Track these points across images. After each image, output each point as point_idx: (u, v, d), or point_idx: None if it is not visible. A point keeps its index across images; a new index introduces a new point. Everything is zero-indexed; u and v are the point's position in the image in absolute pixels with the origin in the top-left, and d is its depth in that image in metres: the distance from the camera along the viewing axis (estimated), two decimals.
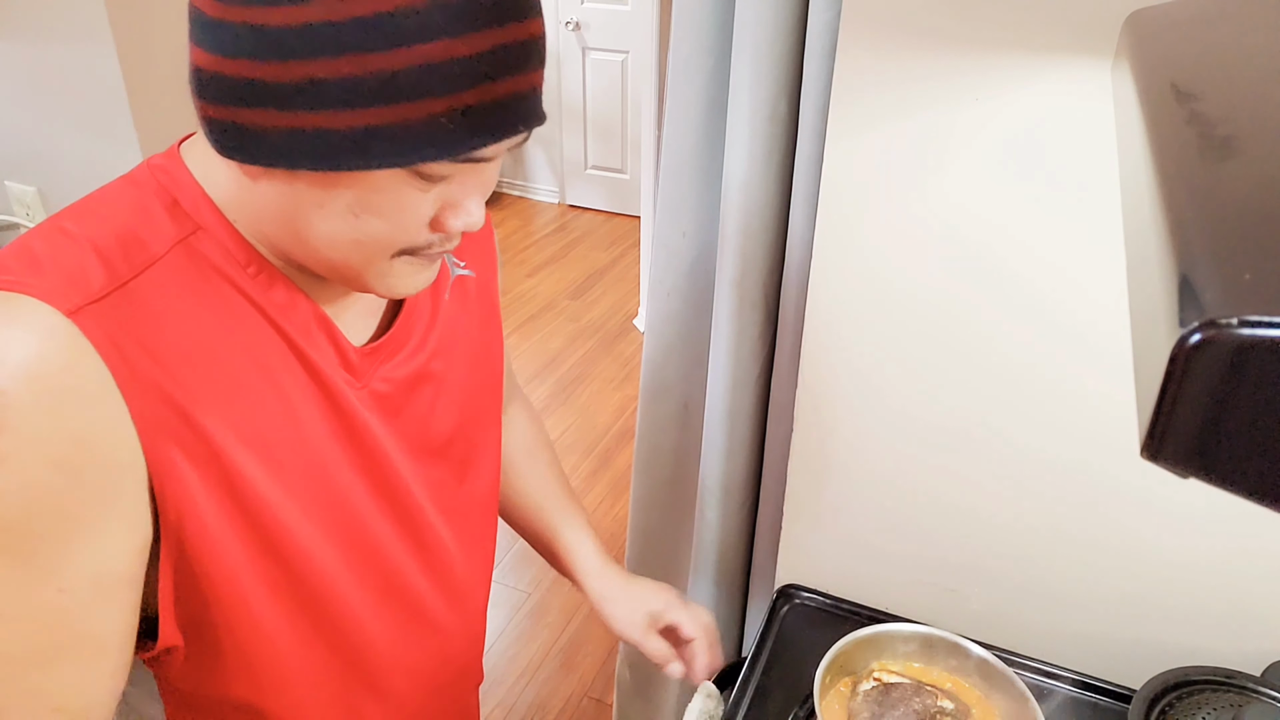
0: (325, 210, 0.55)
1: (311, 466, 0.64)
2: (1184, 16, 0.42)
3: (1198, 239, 0.22)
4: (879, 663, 0.92)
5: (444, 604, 0.79)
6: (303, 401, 0.63)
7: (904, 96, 0.82)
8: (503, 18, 0.50)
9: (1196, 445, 0.21)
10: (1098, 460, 0.90)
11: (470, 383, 0.79)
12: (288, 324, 0.62)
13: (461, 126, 0.51)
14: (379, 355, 0.69)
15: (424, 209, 0.57)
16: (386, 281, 0.60)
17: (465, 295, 0.78)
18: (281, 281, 0.61)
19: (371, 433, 0.68)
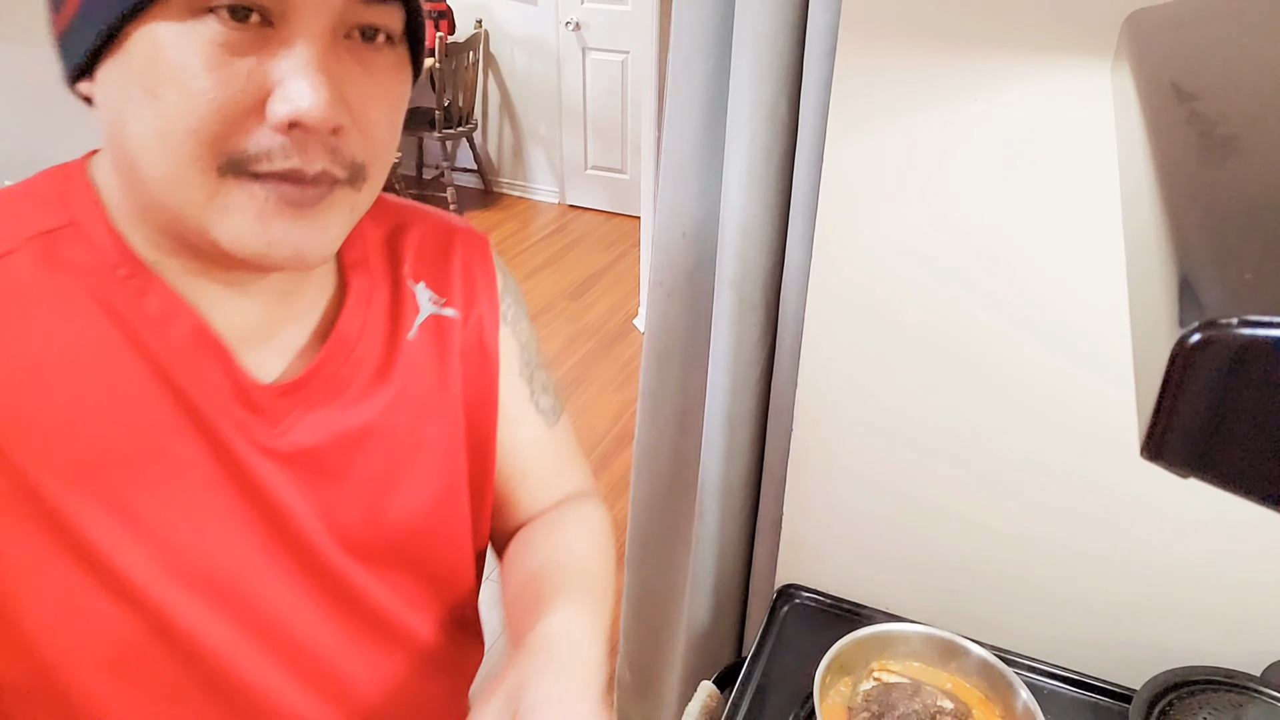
0: (130, 102, 0.44)
1: (175, 512, 0.51)
2: (1184, 16, 0.42)
3: (1198, 239, 0.22)
4: (879, 662, 0.92)
5: (377, 682, 0.64)
6: (169, 438, 0.51)
7: (904, 96, 0.82)
8: None
9: (1196, 445, 0.21)
10: (1097, 460, 0.90)
11: (448, 454, 0.64)
12: (156, 342, 0.50)
13: None
14: (298, 398, 0.55)
15: (234, 81, 0.44)
16: (226, 220, 0.46)
17: (444, 341, 0.63)
18: (158, 288, 0.50)
19: (274, 493, 0.54)
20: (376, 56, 0.49)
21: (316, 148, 0.46)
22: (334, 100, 0.45)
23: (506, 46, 4.61)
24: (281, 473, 0.55)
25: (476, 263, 0.68)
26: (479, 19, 4.47)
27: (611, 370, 3.26)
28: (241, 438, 0.53)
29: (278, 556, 0.56)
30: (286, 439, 0.55)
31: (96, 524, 0.49)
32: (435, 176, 4.74)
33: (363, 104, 0.48)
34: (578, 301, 3.78)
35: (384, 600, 0.62)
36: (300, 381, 0.55)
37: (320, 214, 0.48)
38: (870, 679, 0.90)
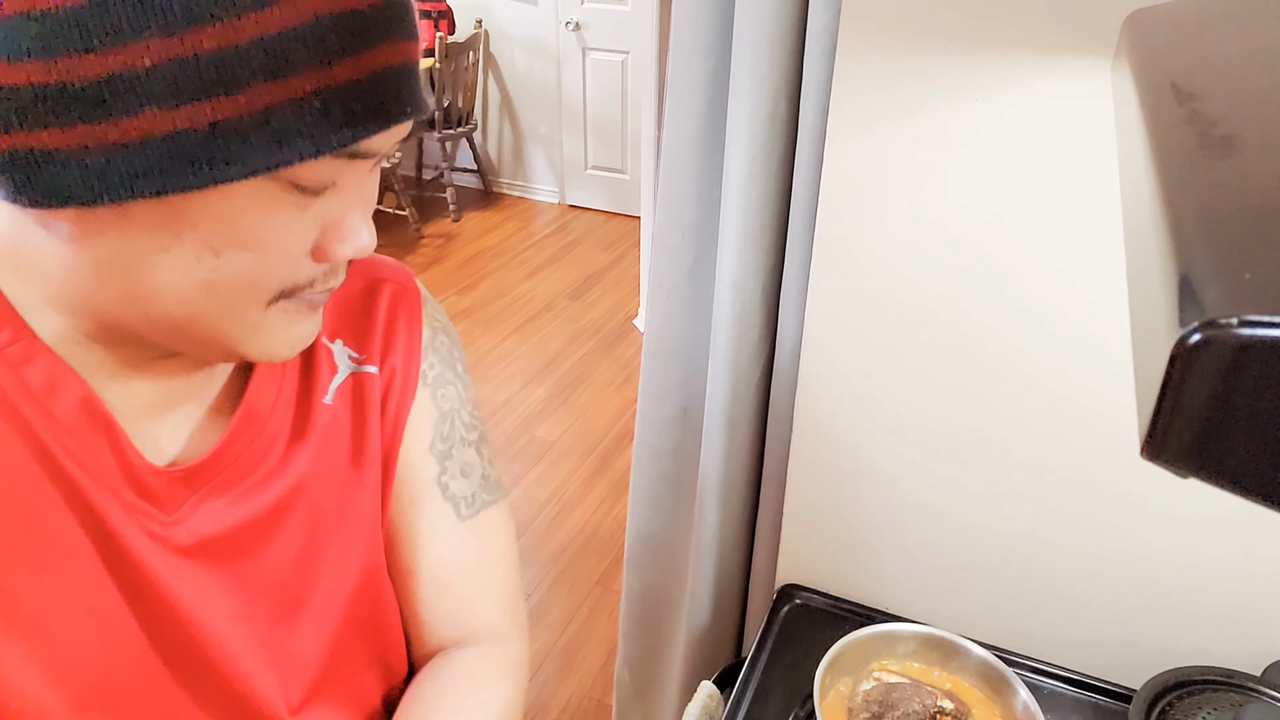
0: (170, 253, 0.41)
1: (63, 610, 0.46)
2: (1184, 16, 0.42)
3: (1198, 239, 0.22)
4: (879, 663, 0.92)
5: None
6: (59, 534, 0.46)
7: (904, 97, 0.82)
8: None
9: (1196, 445, 0.21)
10: (1098, 460, 0.90)
11: (369, 527, 0.59)
12: (40, 418, 0.45)
13: (340, 109, 0.40)
14: (199, 480, 0.51)
15: (302, 233, 0.44)
16: (260, 339, 0.46)
17: (363, 401, 0.59)
18: (43, 359, 0.45)
19: (169, 589, 0.49)
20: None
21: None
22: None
23: (506, 46, 4.61)
24: (179, 565, 0.50)
25: (401, 314, 0.63)
26: (479, 19, 4.47)
27: (612, 370, 3.26)
28: (132, 525, 0.48)
29: (165, 656, 0.51)
30: (183, 527, 0.50)
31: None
32: (435, 177, 4.74)
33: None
34: (578, 301, 3.78)
35: (264, 691, 0.56)
36: (203, 465, 0.51)
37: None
38: (870, 679, 0.90)
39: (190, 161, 0.38)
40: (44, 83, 0.36)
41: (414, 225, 4.27)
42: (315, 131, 0.40)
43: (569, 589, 2.26)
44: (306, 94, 0.39)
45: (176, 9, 0.36)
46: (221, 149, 0.38)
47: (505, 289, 3.86)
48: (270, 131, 0.39)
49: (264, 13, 0.37)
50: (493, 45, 4.62)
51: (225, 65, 0.37)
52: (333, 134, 0.41)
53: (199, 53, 0.37)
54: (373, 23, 0.41)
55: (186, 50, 0.37)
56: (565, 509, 2.54)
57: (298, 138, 0.40)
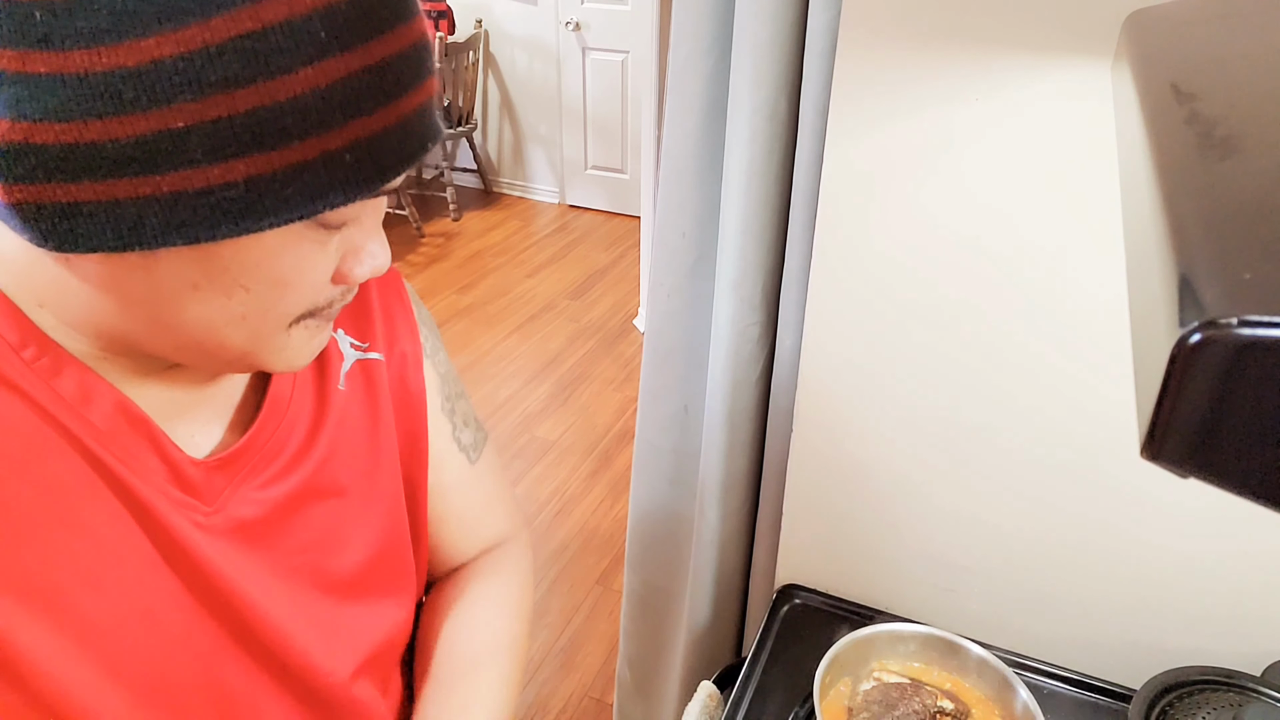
0: (202, 291, 0.43)
1: (118, 609, 0.48)
2: (1184, 16, 0.42)
3: (1197, 239, 0.22)
4: (879, 662, 0.92)
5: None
6: (106, 529, 0.47)
7: (904, 96, 0.82)
8: (391, 21, 0.41)
9: (1196, 445, 0.21)
10: (1098, 460, 0.90)
11: (388, 493, 0.63)
12: (78, 424, 0.46)
13: (368, 159, 0.41)
14: (234, 469, 0.53)
15: (325, 263, 0.46)
16: (284, 356, 0.49)
17: (372, 384, 0.63)
18: (74, 370, 0.46)
19: (223, 577, 0.52)
20: None
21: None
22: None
23: (506, 46, 4.61)
24: (223, 550, 0.52)
25: (394, 300, 0.67)
26: (479, 19, 4.47)
27: (613, 369, 3.26)
28: (181, 518, 0.50)
29: (227, 640, 0.54)
30: (223, 515, 0.52)
31: (40, 638, 0.45)
32: (435, 176, 4.74)
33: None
34: (579, 301, 3.78)
35: (319, 663, 0.59)
36: (237, 454, 0.53)
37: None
38: (870, 679, 0.90)
39: (224, 215, 0.39)
40: (77, 143, 0.37)
41: (414, 224, 4.27)
42: (345, 183, 0.41)
43: (569, 587, 2.26)
44: (338, 148, 0.40)
45: (211, 74, 0.37)
46: (256, 203, 0.40)
47: (506, 288, 3.86)
48: (303, 184, 0.40)
49: (294, 75, 0.38)
50: (493, 45, 4.62)
51: (260, 125, 0.38)
52: (362, 184, 0.42)
53: (234, 114, 0.38)
54: (399, 72, 0.42)
55: (221, 111, 0.37)
56: (566, 507, 2.54)
57: (329, 190, 0.41)
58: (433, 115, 0.45)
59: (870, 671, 0.91)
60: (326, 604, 0.59)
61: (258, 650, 0.55)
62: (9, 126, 0.37)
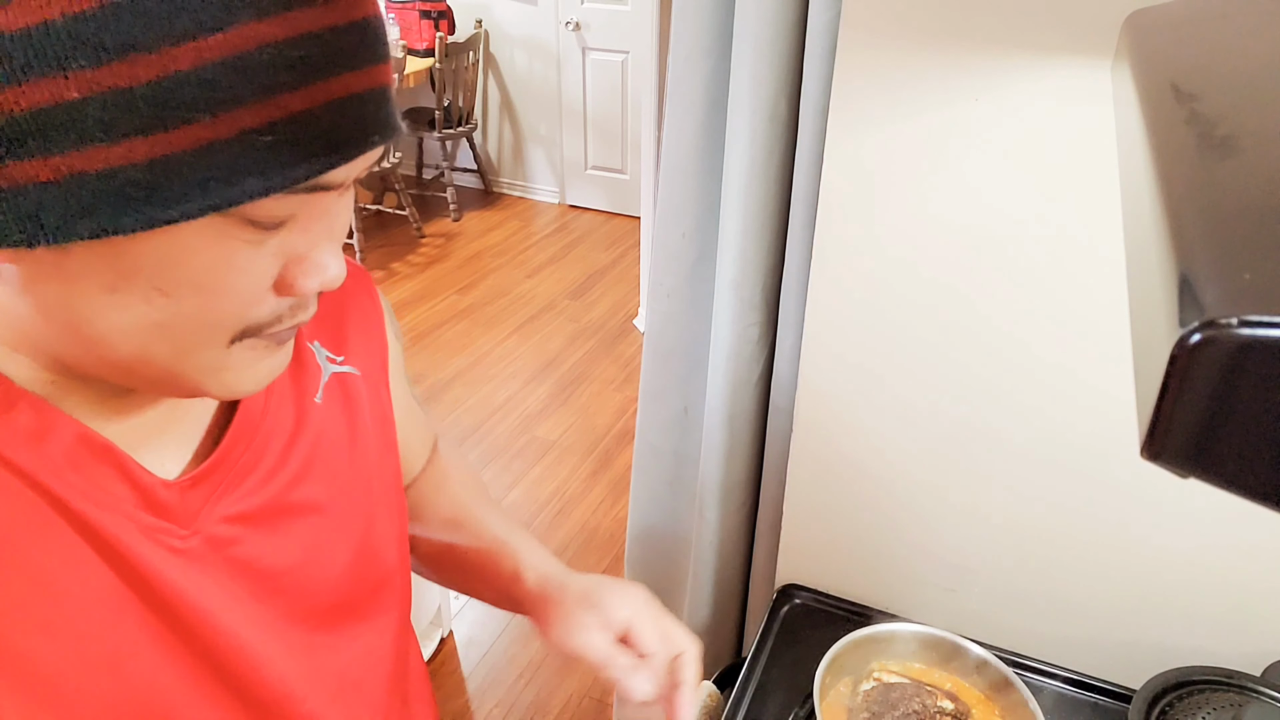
0: (117, 294, 0.38)
1: (79, 662, 0.44)
2: (1184, 16, 0.42)
3: (1197, 239, 0.22)
4: (879, 663, 0.92)
5: None
6: (68, 572, 0.44)
7: (904, 97, 0.82)
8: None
9: (1196, 445, 0.21)
10: (1098, 460, 0.90)
11: (369, 510, 0.60)
12: (34, 462, 0.42)
13: (290, 143, 0.37)
14: (207, 487, 0.50)
15: (261, 269, 0.41)
16: (222, 379, 0.44)
17: (349, 398, 0.59)
18: (26, 401, 0.43)
19: (196, 607, 0.48)
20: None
21: (317, 295, 0.45)
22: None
23: (506, 46, 4.61)
24: (197, 577, 0.49)
25: (369, 310, 0.63)
26: (479, 19, 4.47)
27: (613, 369, 3.26)
28: (152, 547, 0.46)
29: (200, 679, 0.50)
30: (199, 536, 0.49)
31: (7, 703, 0.42)
32: (435, 176, 4.74)
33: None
34: (579, 301, 3.78)
35: (304, 695, 0.56)
36: (208, 469, 0.50)
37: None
38: (870, 679, 0.90)
39: (129, 201, 0.35)
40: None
41: (414, 224, 4.27)
42: (265, 168, 0.37)
43: None
44: (252, 128, 0.36)
45: (109, 36, 0.33)
46: (161, 188, 0.35)
47: (506, 288, 3.86)
48: (214, 169, 0.36)
49: (203, 41, 0.34)
50: (493, 45, 4.62)
51: (161, 98, 0.34)
52: (285, 170, 0.37)
53: (134, 84, 0.34)
54: (332, 48, 0.37)
55: (120, 81, 0.34)
56: (566, 508, 2.54)
57: (245, 175, 0.36)
58: (384, 108, 0.41)
59: (870, 672, 0.91)
60: (305, 629, 0.56)
61: (233, 683, 0.51)
62: None
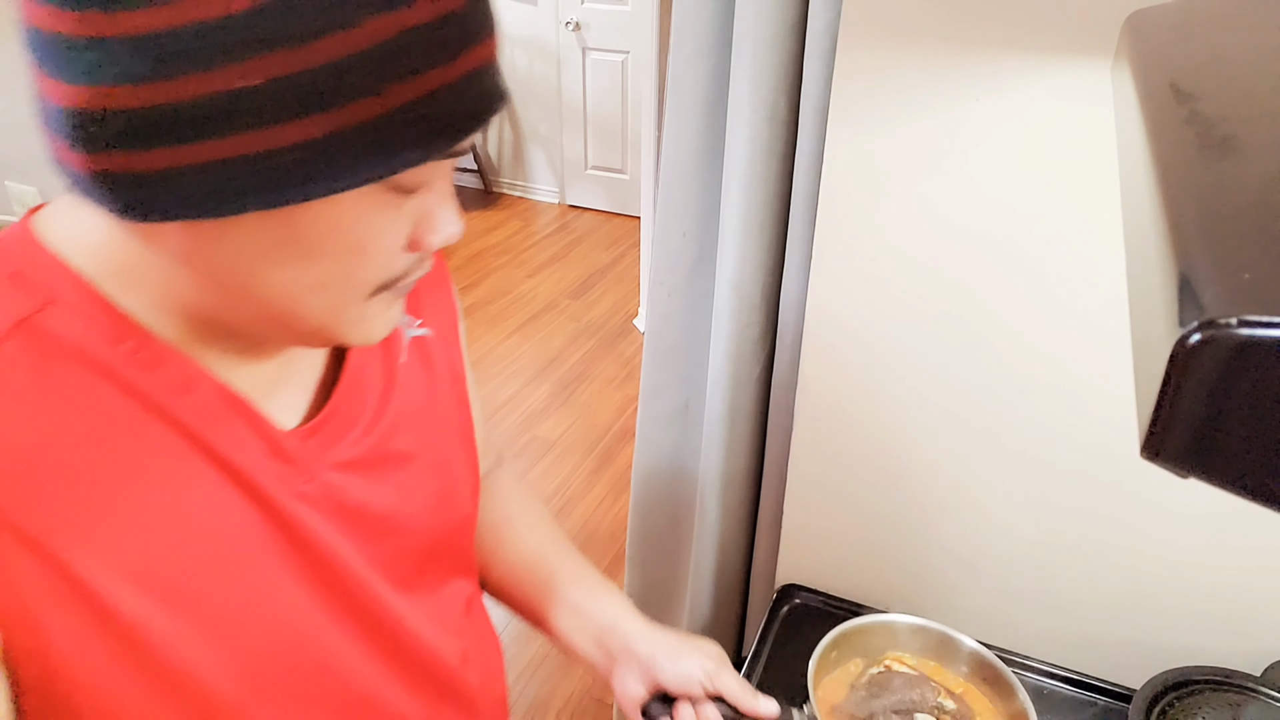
0: (279, 257, 0.43)
1: (235, 594, 0.49)
2: (1184, 16, 0.42)
3: (1197, 239, 0.22)
4: (894, 653, 0.92)
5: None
6: (214, 510, 0.48)
7: (904, 97, 0.82)
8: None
9: (1196, 445, 0.21)
10: (1098, 459, 0.90)
11: (448, 461, 0.65)
12: (182, 411, 0.47)
13: (441, 113, 0.41)
14: (321, 437, 0.54)
15: (399, 229, 0.46)
16: (362, 329, 0.49)
17: (427, 359, 0.65)
18: (171, 359, 0.47)
19: (319, 538, 0.53)
20: None
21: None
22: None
23: (506, 46, 4.58)
24: (323, 519, 0.53)
25: (437, 276, 0.67)
26: None
27: (613, 368, 3.26)
28: (284, 491, 0.51)
29: (341, 615, 0.55)
30: (317, 483, 0.53)
31: (162, 623, 0.46)
32: None
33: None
34: (579, 300, 3.78)
35: (420, 630, 0.61)
36: (323, 420, 0.54)
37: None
38: (880, 665, 0.91)
39: (302, 174, 0.39)
40: (149, 106, 0.37)
41: None
42: (418, 139, 0.41)
43: None
44: (411, 102, 0.40)
45: (287, 27, 0.37)
46: (331, 162, 0.39)
47: (507, 288, 3.86)
48: (378, 141, 0.40)
49: (367, 25, 0.38)
50: None
51: (331, 80, 0.38)
52: (434, 139, 0.42)
53: (307, 68, 0.37)
54: (466, 24, 0.41)
55: (295, 66, 0.37)
56: (567, 506, 2.54)
57: (403, 146, 0.41)
58: (498, 76, 0.45)
59: (883, 659, 0.92)
60: (403, 571, 0.60)
61: (364, 618, 0.56)
62: (88, 94, 0.37)
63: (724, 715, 0.72)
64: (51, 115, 0.40)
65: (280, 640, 0.52)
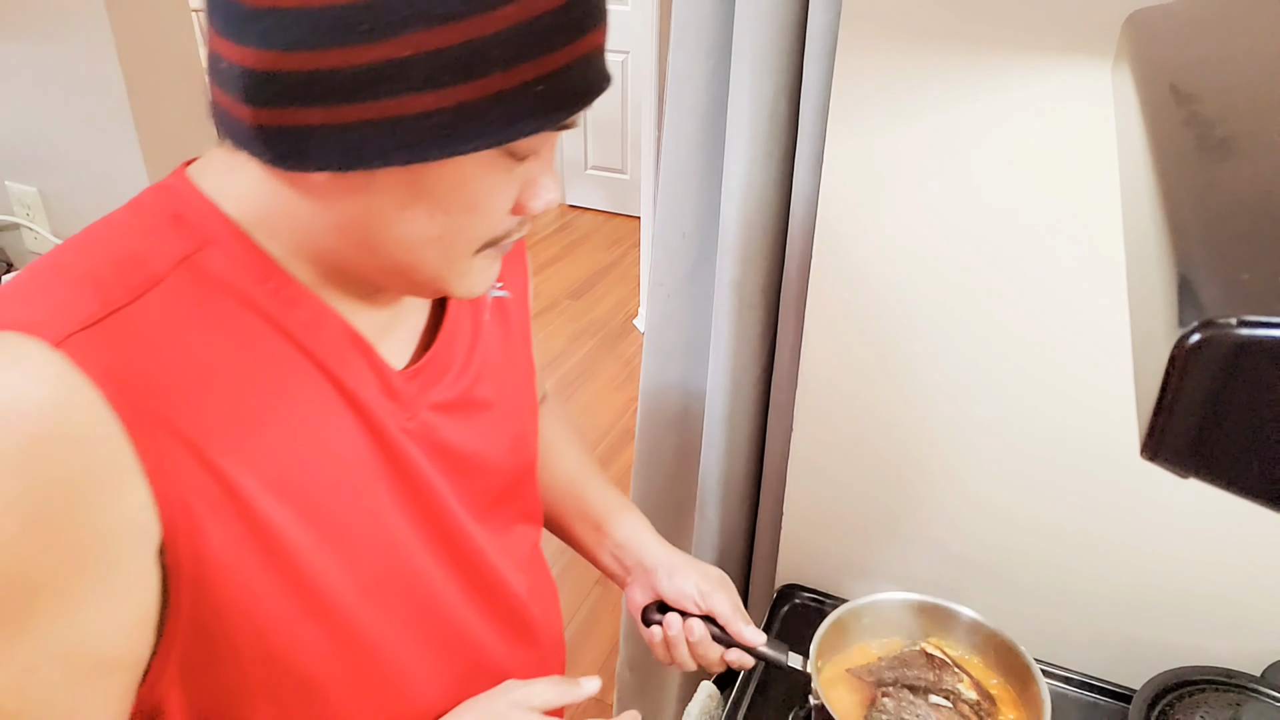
0: (409, 211, 0.49)
1: (353, 510, 0.56)
2: (1184, 17, 0.42)
3: (1196, 239, 0.22)
4: (936, 639, 0.91)
5: (516, 656, 0.70)
6: (338, 434, 0.55)
7: (903, 97, 0.82)
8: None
9: (1195, 445, 0.21)
10: (1098, 459, 0.90)
11: (520, 410, 0.72)
12: (315, 345, 0.54)
13: (556, 91, 0.47)
14: (424, 377, 0.61)
15: (509, 192, 0.52)
16: (467, 281, 0.55)
17: (505, 319, 0.71)
18: (307, 298, 0.53)
19: (420, 470, 0.59)
20: None
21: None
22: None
23: None
24: (421, 453, 0.60)
25: (517, 249, 0.75)
26: None
27: (614, 368, 3.26)
28: (393, 424, 0.57)
29: (432, 541, 0.61)
30: (417, 420, 0.60)
31: (295, 529, 0.52)
32: None
33: None
34: (579, 300, 3.78)
35: (496, 562, 0.67)
36: (426, 363, 0.61)
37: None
38: (917, 645, 0.90)
39: (436, 137, 0.45)
40: (313, 69, 0.43)
41: None
42: (536, 111, 0.47)
43: (570, 587, 2.26)
44: (532, 79, 0.46)
45: (435, 8, 0.42)
46: (461, 127, 0.45)
47: None
48: (502, 112, 0.46)
49: (503, 10, 0.43)
50: None
51: (471, 55, 0.44)
52: (550, 113, 0.47)
53: (449, 45, 0.43)
54: (582, 13, 0.47)
55: (440, 42, 0.43)
56: None
57: (523, 117, 0.46)
58: (605, 60, 0.51)
59: (923, 640, 0.91)
60: (481, 507, 0.66)
61: (452, 545, 0.63)
62: (259, 55, 0.43)
63: (713, 634, 0.80)
64: (223, 73, 0.46)
65: (386, 556, 0.58)
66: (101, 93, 1.35)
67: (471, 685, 0.66)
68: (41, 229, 1.55)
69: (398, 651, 0.60)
